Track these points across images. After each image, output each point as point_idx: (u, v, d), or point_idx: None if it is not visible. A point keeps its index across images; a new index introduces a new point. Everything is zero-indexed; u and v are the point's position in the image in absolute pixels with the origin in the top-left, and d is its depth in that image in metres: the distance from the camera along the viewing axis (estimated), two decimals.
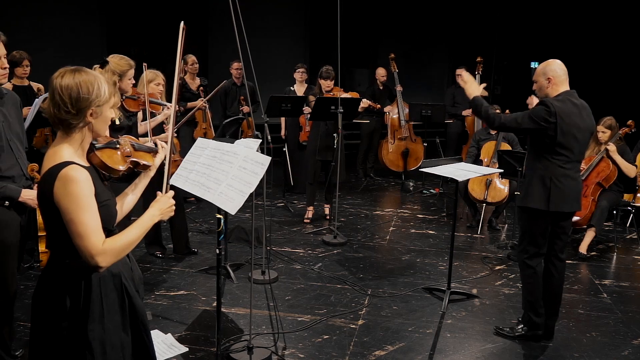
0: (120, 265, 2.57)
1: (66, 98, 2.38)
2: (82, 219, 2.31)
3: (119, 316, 2.57)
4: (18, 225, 3.61)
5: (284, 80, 9.32)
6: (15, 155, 3.55)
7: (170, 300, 5.15)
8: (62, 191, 2.31)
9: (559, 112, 4.17)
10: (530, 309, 4.57)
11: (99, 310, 2.48)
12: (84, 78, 2.43)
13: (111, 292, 2.54)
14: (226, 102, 8.78)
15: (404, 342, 4.50)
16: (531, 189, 4.38)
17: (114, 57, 4.59)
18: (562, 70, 4.34)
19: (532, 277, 4.50)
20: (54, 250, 2.52)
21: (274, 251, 6.42)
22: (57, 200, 2.32)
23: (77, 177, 2.32)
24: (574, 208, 4.45)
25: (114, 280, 2.55)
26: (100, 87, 2.46)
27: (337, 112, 6.64)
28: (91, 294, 2.46)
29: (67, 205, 2.30)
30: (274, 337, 4.50)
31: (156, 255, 6.10)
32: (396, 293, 5.44)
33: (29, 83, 6.24)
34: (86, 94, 2.40)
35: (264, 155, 3.60)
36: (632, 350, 4.48)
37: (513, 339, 4.61)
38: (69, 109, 2.38)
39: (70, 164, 2.36)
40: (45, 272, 2.55)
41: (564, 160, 4.29)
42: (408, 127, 10.01)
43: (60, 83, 2.40)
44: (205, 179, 3.67)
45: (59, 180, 2.31)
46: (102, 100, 2.46)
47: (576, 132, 4.27)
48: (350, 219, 7.90)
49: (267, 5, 13.02)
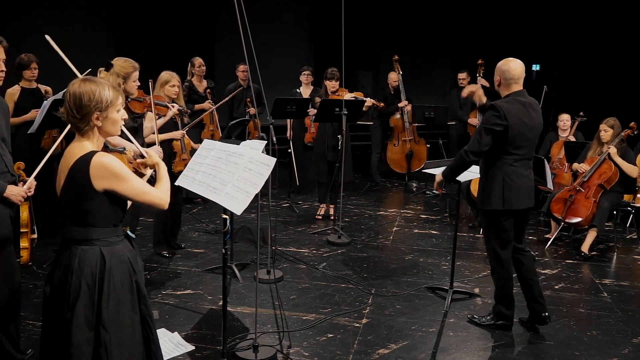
0: (128, 253, 2.88)
1: (72, 105, 2.71)
2: (135, 184, 2.75)
3: (129, 296, 2.84)
4: (8, 217, 3.67)
5: (289, 83, 9.37)
6: (0, 153, 3.65)
7: (177, 299, 5.19)
8: (104, 173, 2.67)
9: (507, 114, 4.30)
10: (500, 302, 4.75)
11: (112, 289, 2.76)
12: (87, 87, 2.72)
13: (123, 275, 2.81)
14: (233, 104, 8.83)
15: (407, 341, 4.54)
16: (487, 191, 4.51)
17: (118, 60, 4.65)
18: (513, 72, 4.44)
19: (505, 274, 4.66)
20: (72, 232, 2.79)
21: (279, 251, 6.46)
22: (101, 183, 2.67)
23: (110, 159, 2.70)
24: (527, 204, 4.57)
25: (122, 266, 2.81)
26: (102, 94, 2.73)
27: (341, 114, 6.70)
28: (104, 273, 2.74)
29: (118, 183, 2.70)
30: (279, 335, 4.53)
31: (163, 255, 6.15)
32: (399, 292, 5.48)
33: (37, 86, 6.28)
34: (87, 101, 2.70)
35: (269, 156, 3.66)
36: (632, 349, 4.52)
37: (481, 326, 4.80)
38: (75, 114, 2.72)
39: (97, 152, 2.72)
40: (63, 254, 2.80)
41: (515, 159, 4.43)
42: (412, 129, 10.05)
43: (70, 91, 2.73)
44: (212, 180, 3.72)
45: (94, 167, 2.65)
46: (102, 106, 2.73)
47: (525, 131, 4.40)
48: (354, 219, 7.94)
49: (272, 9, 13.06)
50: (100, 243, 2.77)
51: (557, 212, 6.71)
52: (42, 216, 6.16)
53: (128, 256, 2.86)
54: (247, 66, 6.60)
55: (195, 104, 8.08)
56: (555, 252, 6.77)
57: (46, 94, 6.24)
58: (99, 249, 2.76)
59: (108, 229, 2.80)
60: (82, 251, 2.74)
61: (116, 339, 2.76)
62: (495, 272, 4.71)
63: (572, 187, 6.76)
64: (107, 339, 2.73)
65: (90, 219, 2.74)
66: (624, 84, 11.75)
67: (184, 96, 7.99)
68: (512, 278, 4.69)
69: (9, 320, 3.76)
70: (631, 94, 11.33)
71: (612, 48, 12.26)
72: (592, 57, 12.37)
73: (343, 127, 6.80)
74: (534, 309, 4.71)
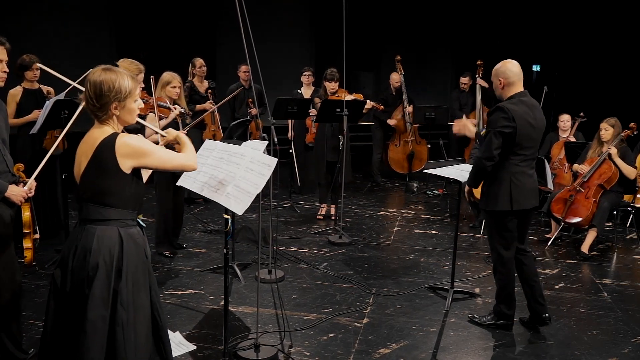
0: (142, 241, 2.97)
1: (92, 93, 2.78)
2: (161, 156, 2.90)
3: (142, 280, 2.92)
4: (8, 216, 3.69)
5: (290, 83, 9.39)
6: (1, 153, 3.68)
7: (179, 299, 5.21)
8: (131, 152, 2.78)
9: (515, 115, 4.31)
10: (502, 302, 4.75)
11: (129, 270, 2.84)
12: (108, 76, 2.78)
13: (138, 258, 2.91)
14: (234, 105, 8.85)
15: (408, 340, 4.56)
16: (494, 192, 4.51)
17: (124, 62, 4.68)
18: (513, 72, 4.46)
19: (507, 274, 4.66)
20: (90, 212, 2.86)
21: (281, 251, 6.48)
22: (128, 162, 2.79)
23: (135, 138, 2.82)
24: (534, 204, 4.60)
25: (137, 248, 2.91)
26: (121, 84, 2.80)
27: (342, 115, 6.73)
28: (122, 253, 2.83)
29: (145, 159, 2.83)
30: (281, 335, 4.54)
31: (165, 255, 6.18)
32: (400, 292, 5.50)
33: (39, 86, 6.29)
34: (107, 91, 2.76)
35: (271, 156, 3.68)
36: (632, 348, 4.54)
37: (481, 326, 4.80)
38: (94, 103, 2.79)
39: (118, 133, 2.83)
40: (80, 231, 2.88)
41: (520, 159, 4.45)
42: (413, 129, 10.07)
43: (90, 79, 2.79)
44: (213, 180, 3.74)
45: (120, 146, 2.76)
46: (122, 96, 2.81)
47: (531, 132, 4.42)
48: (355, 220, 7.96)
49: (274, 10, 13.08)
50: (118, 224, 2.85)
51: (557, 212, 6.73)
52: (44, 217, 6.17)
53: (142, 241, 2.96)
54: (248, 67, 6.63)
55: (197, 104, 8.10)
56: (556, 252, 6.79)
57: (48, 95, 6.25)
58: (117, 229, 2.84)
59: (126, 211, 2.89)
60: (101, 230, 2.82)
61: (132, 320, 2.83)
62: (497, 272, 4.72)
63: (572, 187, 6.77)
64: (124, 319, 2.80)
65: (111, 200, 2.82)
66: (624, 84, 11.75)
67: (185, 97, 8.02)
68: (514, 278, 4.71)
69: (11, 320, 3.78)
70: (631, 95, 11.34)
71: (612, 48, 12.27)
72: (592, 57, 12.38)
73: (344, 127, 6.82)
74: (534, 309, 4.72)
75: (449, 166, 5.42)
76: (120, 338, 2.79)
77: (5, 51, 3.71)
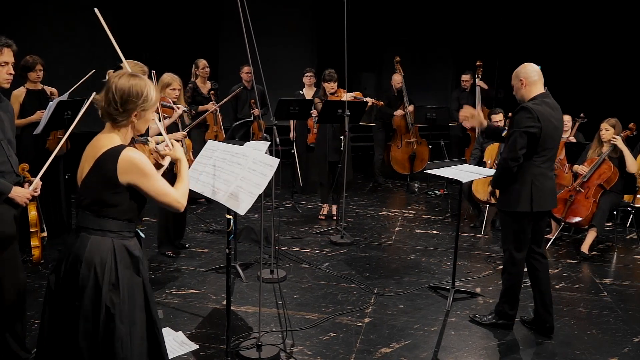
0: (138, 251, 2.89)
1: (117, 97, 2.74)
2: (158, 184, 2.81)
3: (137, 294, 2.85)
4: (12, 217, 3.71)
5: (292, 84, 9.41)
6: (6, 154, 3.69)
7: (181, 298, 5.23)
8: (132, 169, 2.72)
9: (540, 115, 4.30)
10: (506, 302, 4.73)
11: (124, 283, 2.78)
12: (137, 82, 2.78)
13: (132, 271, 2.84)
14: (237, 106, 8.88)
15: (409, 340, 4.58)
16: (514, 192, 4.47)
17: (128, 63, 4.70)
18: (535, 72, 4.45)
19: (516, 275, 4.65)
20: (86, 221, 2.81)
21: (283, 251, 6.51)
22: (126, 177, 2.72)
23: (139, 156, 2.75)
24: (553, 205, 4.60)
25: (132, 261, 2.85)
26: (149, 94, 2.80)
27: (343, 115, 6.75)
28: (115, 265, 2.77)
29: (142, 180, 2.75)
30: (283, 334, 4.56)
31: (167, 255, 6.21)
32: (402, 292, 5.52)
33: (42, 87, 6.32)
34: (135, 97, 2.76)
35: (273, 157, 3.67)
36: (632, 348, 4.56)
37: (482, 325, 4.81)
38: (118, 107, 2.75)
39: (126, 146, 2.76)
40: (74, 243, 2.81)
41: (542, 160, 4.43)
42: (415, 130, 10.09)
43: (116, 83, 2.75)
44: (216, 181, 3.75)
45: (123, 161, 2.70)
46: (147, 105, 2.81)
47: (554, 132, 4.41)
48: (356, 220, 7.99)
49: (276, 11, 13.10)
50: (114, 236, 2.80)
51: (558, 212, 6.75)
52: (47, 217, 6.19)
53: (138, 254, 2.88)
54: (251, 68, 6.66)
55: (200, 105, 8.13)
56: (556, 251, 6.81)
57: (51, 96, 6.28)
58: (111, 240, 2.79)
59: (123, 223, 2.83)
60: (95, 240, 2.76)
61: (129, 334, 2.78)
62: (506, 272, 4.71)
63: (572, 187, 6.80)
64: (122, 333, 2.76)
65: (108, 211, 2.78)
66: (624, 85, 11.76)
67: (188, 97, 8.06)
68: (522, 280, 4.70)
69: (15, 320, 3.80)
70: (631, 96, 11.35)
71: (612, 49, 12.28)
72: (593, 58, 12.38)
73: (346, 128, 6.84)
74: (540, 316, 4.72)
75: (450, 166, 5.44)
76: (119, 352, 2.75)
77: (12, 53, 3.71)
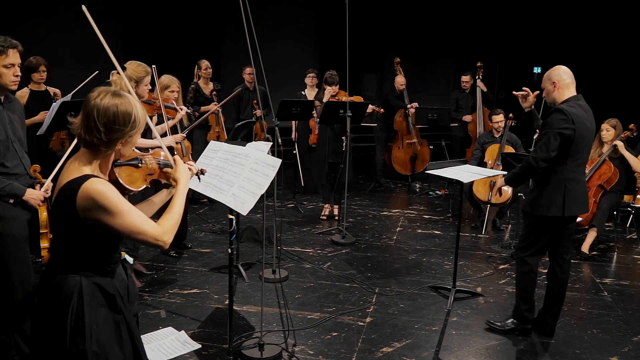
0: (118, 284, 2.56)
1: (101, 126, 2.31)
2: (128, 222, 2.31)
3: (114, 335, 2.49)
4: (25, 220, 3.74)
5: (294, 85, 9.44)
6: (18, 155, 3.71)
7: (184, 298, 5.26)
8: (92, 205, 2.27)
9: (574, 118, 4.22)
10: (523, 304, 4.67)
11: (94, 326, 2.41)
12: (123, 108, 2.34)
13: (106, 312, 2.48)
14: (239, 107, 8.91)
15: (410, 339, 4.60)
16: (546, 196, 4.37)
17: (131, 64, 4.72)
18: (567, 74, 4.39)
19: (529, 275, 4.59)
20: (55, 258, 2.49)
21: (285, 251, 6.53)
22: (88, 214, 2.29)
23: (102, 189, 2.28)
24: (584, 210, 4.53)
25: (107, 300, 2.47)
26: (137, 117, 2.39)
27: (345, 116, 6.78)
28: (82, 307, 2.39)
29: (107, 218, 2.29)
30: (285, 334, 4.59)
31: (170, 255, 6.24)
32: (403, 291, 5.54)
33: (45, 88, 6.34)
34: (122, 125, 2.34)
35: (275, 157, 3.69)
36: (632, 347, 4.58)
37: (504, 332, 4.72)
38: (101, 137, 2.32)
39: (90, 177, 2.32)
40: (43, 281, 2.49)
41: (576, 164, 4.35)
42: (416, 131, 10.11)
43: (98, 107, 2.32)
44: (218, 181, 3.75)
45: (81, 196, 2.28)
46: (136, 129, 2.41)
47: (587, 136, 4.34)
48: (358, 220, 8.01)
49: (278, 13, 13.15)
50: (84, 273, 2.42)
51: None
52: None
53: (117, 289, 2.53)
54: (253, 69, 6.68)
55: (202, 105, 8.17)
56: None
57: (55, 96, 6.30)
58: (79, 279, 2.41)
59: (97, 259, 2.46)
60: (61, 278, 2.41)
61: None
62: (518, 273, 4.67)
63: None
64: None
65: (76, 247, 2.41)
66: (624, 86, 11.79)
67: (190, 98, 8.09)
68: (536, 280, 4.64)
69: (24, 320, 3.81)
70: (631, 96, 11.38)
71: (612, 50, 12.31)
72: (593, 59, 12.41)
73: (347, 128, 6.86)
74: (543, 318, 4.71)
75: (451, 167, 5.45)
76: None
77: (18, 54, 3.68)
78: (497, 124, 7.61)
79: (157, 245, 2.40)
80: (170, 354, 4.23)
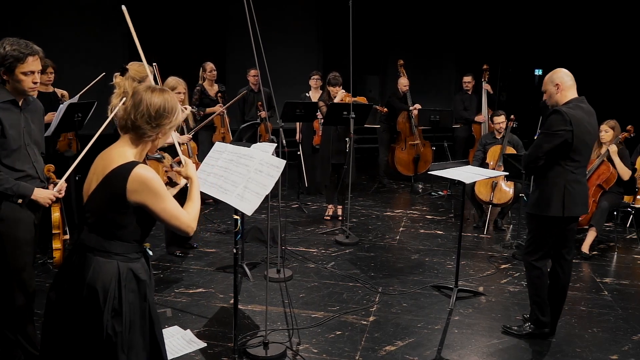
0: (145, 274, 2.72)
1: (152, 111, 2.61)
2: (169, 207, 2.62)
3: (139, 320, 2.67)
4: (32, 222, 3.68)
5: (298, 87, 9.49)
6: (31, 159, 3.68)
7: (189, 297, 5.30)
8: (143, 188, 2.54)
9: (573, 119, 4.24)
10: (537, 309, 4.65)
11: (127, 309, 2.61)
12: (169, 98, 2.69)
13: (135, 296, 2.66)
14: (244, 108, 8.96)
15: (413, 338, 4.63)
16: (545, 197, 4.41)
17: (133, 65, 4.77)
18: (569, 77, 4.42)
19: (539, 278, 4.58)
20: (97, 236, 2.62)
21: (289, 250, 6.57)
22: (135, 197, 2.54)
23: (152, 175, 2.56)
24: (584, 211, 4.55)
25: (137, 285, 2.67)
26: (179, 113, 2.74)
27: (349, 117, 6.82)
28: (120, 291, 2.59)
29: (153, 201, 2.57)
30: (289, 333, 4.61)
31: (176, 255, 6.28)
32: (406, 291, 5.58)
33: (53, 89, 6.36)
34: (169, 113, 2.67)
35: (279, 158, 3.72)
36: (632, 346, 4.61)
37: (520, 337, 4.70)
38: (151, 121, 2.63)
39: (138, 163, 2.59)
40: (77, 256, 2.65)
41: (575, 166, 4.37)
42: (418, 132, 10.14)
43: (149, 97, 2.64)
44: (223, 182, 3.78)
45: (134, 179, 2.52)
46: (176, 122, 2.73)
47: (587, 137, 4.36)
48: (361, 220, 8.05)
49: (282, 15, 13.19)
50: (119, 258, 2.61)
51: None
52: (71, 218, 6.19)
53: (144, 276, 2.70)
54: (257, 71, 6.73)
55: (207, 107, 8.22)
56: None
57: (62, 98, 6.32)
58: (116, 263, 2.60)
59: (130, 245, 2.66)
60: (98, 263, 2.58)
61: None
62: (528, 276, 4.69)
63: None
64: None
65: (115, 231, 2.60)
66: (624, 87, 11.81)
67: (195, 100, 8.14)
68: (547, 282, 4.64)
69: (27, 322, 3.82)
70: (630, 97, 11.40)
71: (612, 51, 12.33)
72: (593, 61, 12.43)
73: (351, 130, 6.91)
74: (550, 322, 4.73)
75: (453, 168, 5.47)
76: None
77: (39, 61, 3.60)
78: (499, 125, 7.65)
79: (186, 232, 2.71)
80: (176, 353, 4.27)
